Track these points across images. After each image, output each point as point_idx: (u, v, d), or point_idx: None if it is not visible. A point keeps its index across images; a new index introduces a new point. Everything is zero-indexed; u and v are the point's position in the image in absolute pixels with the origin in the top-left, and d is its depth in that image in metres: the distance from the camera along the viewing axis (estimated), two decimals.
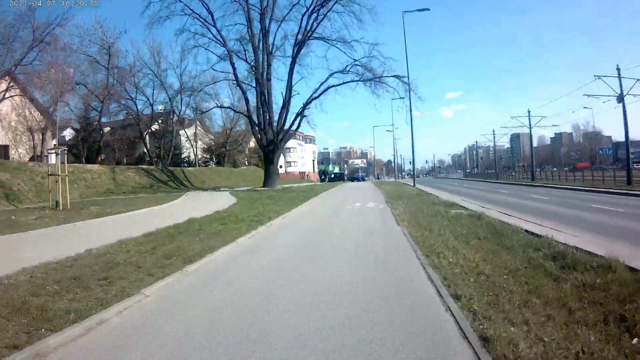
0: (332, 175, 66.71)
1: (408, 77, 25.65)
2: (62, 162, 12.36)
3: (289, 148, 73.29)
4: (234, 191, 23.81)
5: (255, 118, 28.11)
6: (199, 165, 41.59)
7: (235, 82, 27.92)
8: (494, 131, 54.48)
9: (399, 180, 53.42)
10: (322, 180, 62.80)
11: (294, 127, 28.00)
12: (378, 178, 72.02)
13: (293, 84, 27.29)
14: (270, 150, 27.22)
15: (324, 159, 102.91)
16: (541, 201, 15.40)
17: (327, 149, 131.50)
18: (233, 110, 36.68)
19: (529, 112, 37.29)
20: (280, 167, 65.74)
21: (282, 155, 69.53)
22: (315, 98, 26.79)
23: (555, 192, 20.11)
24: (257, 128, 27.95)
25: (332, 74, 26.75)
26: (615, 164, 55.04)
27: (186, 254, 6.01)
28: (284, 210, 12.32)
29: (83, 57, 26.92)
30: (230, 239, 7.45)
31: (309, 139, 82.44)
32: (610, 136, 72.42)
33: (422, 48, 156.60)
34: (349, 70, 26.45)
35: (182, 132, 42.17)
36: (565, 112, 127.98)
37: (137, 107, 33.04)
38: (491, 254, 5.44)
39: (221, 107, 36.16)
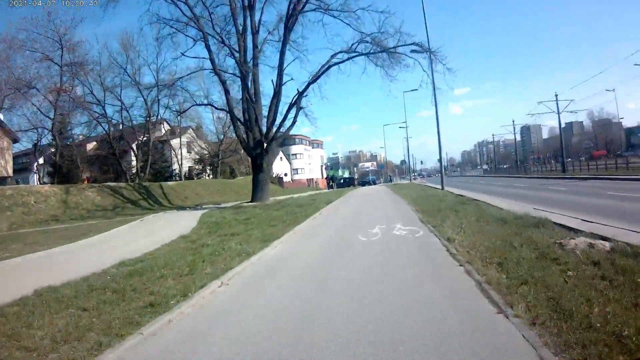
0: (342, 181, 57.54)
1: (428, 42, 19.07)
2: None
3: (295, 154, 66.96)
4: (213, 209, 17.91)
5: (241, 116, 21.89)
6: (185, 178, 35.85)
7: (212, 70, 21.68)
8: (513, 121, 52.60)
9: (414, 182, 47.05)
10: (330, 187, 53.34)
11: (287, 123, 21.38)
12: (390, 180, 64.90)
13: (285, 66, 20.73)
14: (258, 154, 20.69)
15: (333, 164, 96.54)
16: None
17: (337, 153, 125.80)
18: (212, 106, 30.34)
19: (556, 96, 34.40)
20: (285, 174, 59.04)
21: (288, 162, 63.13)
22: (314, 81, 20.26)
23: (623, 185, 15.79)
24: (241, 127, 21.75)
25: (335, 54, 20.35)
26: (630, 150, 53.39)
27: None
28: (241, 257, 6.76)
29: (36, 55, 22.97)
30: None
31: (317, 144, 75.69)
32: (620, 122, 68.58)
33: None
34: (355, 49, 20.07)
35: (171, 142, 37.19)
36: (578, 100, 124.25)
37: (105, 112, 28.17)
38: None
39: (199, 104, 30.14)
